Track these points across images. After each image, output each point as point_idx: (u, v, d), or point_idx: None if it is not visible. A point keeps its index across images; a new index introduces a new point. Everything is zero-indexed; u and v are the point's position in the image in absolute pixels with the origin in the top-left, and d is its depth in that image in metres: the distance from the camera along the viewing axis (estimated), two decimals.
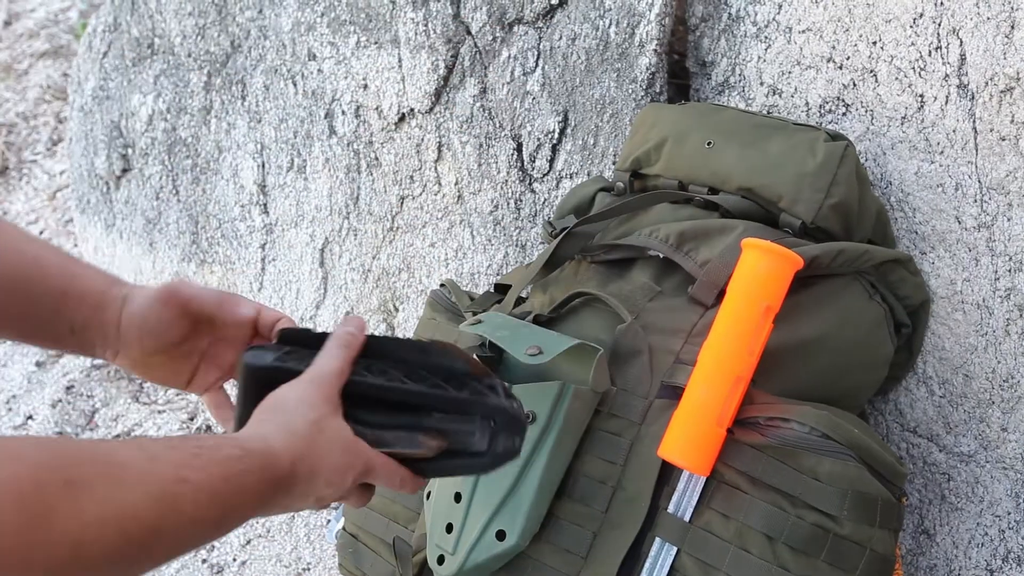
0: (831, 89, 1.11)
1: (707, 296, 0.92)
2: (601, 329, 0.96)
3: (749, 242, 0.87)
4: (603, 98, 1.27)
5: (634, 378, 0.90)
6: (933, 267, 1.03)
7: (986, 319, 0.99)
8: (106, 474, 0.48)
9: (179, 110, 1.88)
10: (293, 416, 0.62)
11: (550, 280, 1.09)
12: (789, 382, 0.90)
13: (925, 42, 1.01)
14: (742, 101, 1.21)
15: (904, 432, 1.07)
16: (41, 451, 0.47)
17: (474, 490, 0.90)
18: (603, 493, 0.87)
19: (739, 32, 1.20)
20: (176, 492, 0.51)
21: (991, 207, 0.98)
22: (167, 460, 0.52)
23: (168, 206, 1.93)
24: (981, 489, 1.00)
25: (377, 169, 1.55)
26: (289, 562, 1.60)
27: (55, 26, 2.99)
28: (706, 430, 0.83)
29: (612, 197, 1.12)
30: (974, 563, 1.00)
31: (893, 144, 1.05)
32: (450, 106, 1.43)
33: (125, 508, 0.48)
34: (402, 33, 1.46)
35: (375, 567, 1.06)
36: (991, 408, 0.99)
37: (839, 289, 0.95)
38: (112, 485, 0.48)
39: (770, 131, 1.01)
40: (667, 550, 0.84)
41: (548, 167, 1.34)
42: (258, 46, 1.71)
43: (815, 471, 0.81)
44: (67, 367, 2.16)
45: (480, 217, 1.43)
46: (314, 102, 1.62)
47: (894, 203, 1.06)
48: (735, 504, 0.82)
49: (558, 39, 1.31)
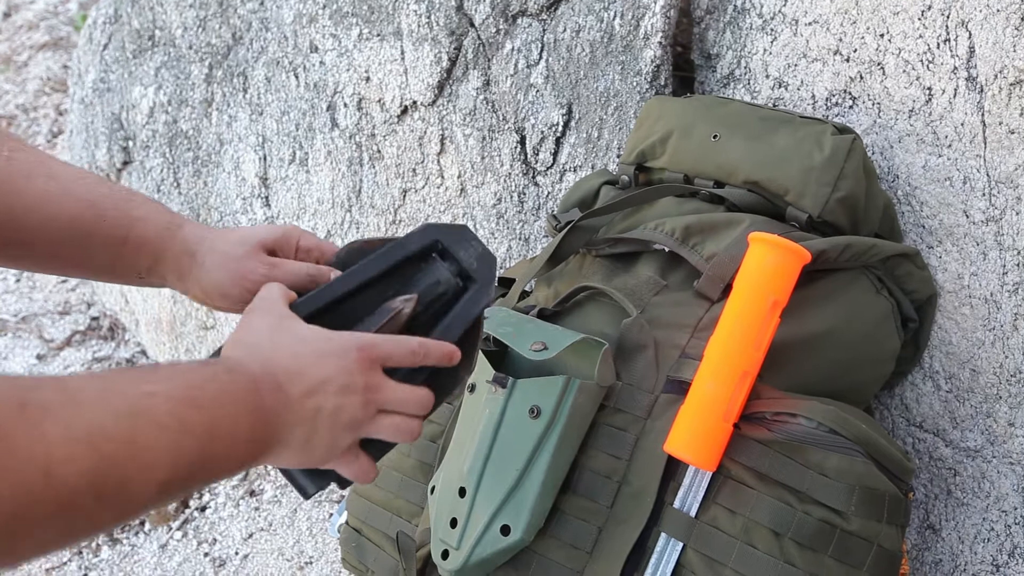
0: (838, 82, 1.10)
1: (713, 290, 0.92)
2: (606, 323, 0.95)
3: (756, 236, 0.87)
4: (607, 91, 1.27)
5: (639, 373, 0.90)
6: (940, 261, 1.02)
7: (994, 314, 0.98)
8: (63, 398, 0.45)
9: (180, 102, 1.87)
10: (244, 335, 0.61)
11: (555, 274, 1.09)
12: (796, 377, 0.89)
13: (933, 34, 1.01)
14: (747, 94, 1.20)
15: (910, 427, 1.07)
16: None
17: (479, 484, 0.89)
18: (608, 488, 0.87)
19: (744, 24, 1.19)
20: (145, 404, 0.48)
21: (999, 201, 0.97)
22: (123, 379, 0.49)
23: (169, 199, 1.92)
24: (987, 484, 1.00)
25: (379, 162, 1.54)
26: (291, 556, 1.60)
27: (55, 17, 2.98)
28: (712, 425, 0.82)
29: (617, 190, 1.11)
30: (980, 558, 1.00)
31: (900, 137, 1.05)
32: (453, 99, 1.42)
33: (92, 425, 0.45)
34: (405, 25, 1.45)
35: (378, 562, 1.06)
36: (998, 403, 0.99)
37: (846, 283, 0.94)
38: (71, 405, 0.45)
39: (776, 124, 1.00)
40: (673, 545, 0.83)
41: (552, 160, 1.34)
42: (260, 38, 1.70)
43: (822, 466, 0.80)
44: (68, 360, 2.16)
45: (483, 210, 1.42)
46: (316, 94, 1.61)
47: (901, 197, 1.05)
48: (741, 499, 0.82)
49: (562, 31, 1.30)
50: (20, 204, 0.68)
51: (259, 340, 0.60)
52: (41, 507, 0.42)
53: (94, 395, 0.46)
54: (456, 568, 0.89)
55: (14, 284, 2.43)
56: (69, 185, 0.70)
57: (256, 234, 0.74)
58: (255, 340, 0.60)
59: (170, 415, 0.49)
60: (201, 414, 0.51)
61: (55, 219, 0.69)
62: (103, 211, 0.70)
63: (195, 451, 0.50)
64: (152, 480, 0.47)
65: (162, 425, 0.48)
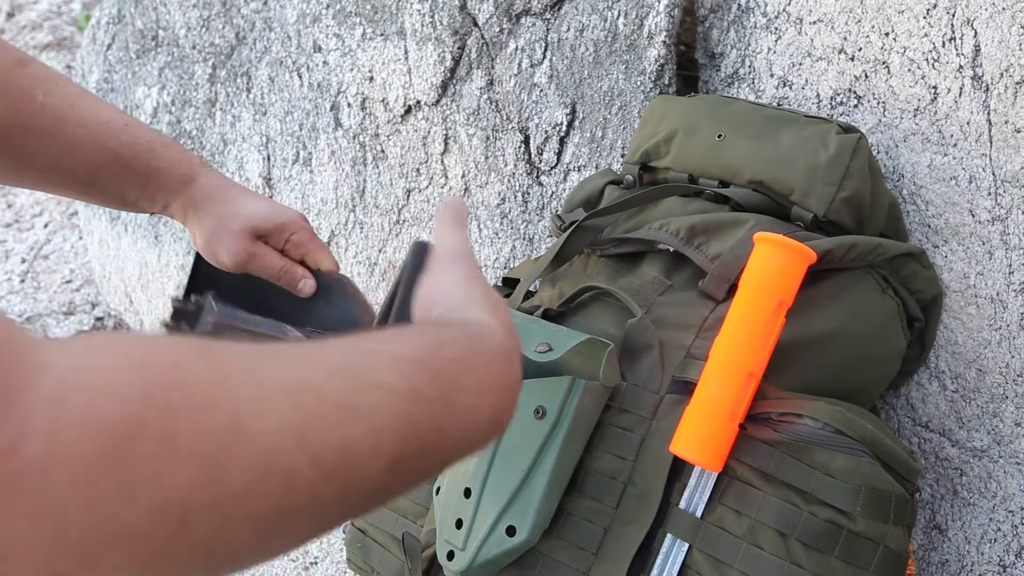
0: (843, 81, 1.10)
1: (718, 290, 0.92)
2: (611, 323, 0.95)
3: (761, 236, 0.86)
4: (611, 90, 1.26)
5: (645, 373, 0.90)
6: (946, 261, 1.02)
7: (1000, 313, 0.98)
8: (251, 350, 0.36)
9: (184, 102, 1.87)
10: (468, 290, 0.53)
11: (559, 274, 1.08)
12: (801, 377, 0.89)
13: (939, 33, 1.00)
14: (752, 93, 1.19)
15: (916, 427, 1.07)
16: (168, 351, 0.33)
17: (484, 485, 0.89)
18: (614, 489, 0.87)
19: (749, 23, 1.19)
20: (363, 362, 0.39)
21: (1005, 200, 0.97)
22: (332, 341, 0.40)
23: None
24: (994, 484, 1.00)
25: (383, 162, 1.54)
26: (296, 556, 1.60)
27: (58, 18, 2.98)
28: (718, 426, 0.82)
29: (621, 190, 1.11)
30: (987, 559, 1.00)
31: (906, 136, 1.04)
32: (457, 98, 1.42)
33: (293, 379, 0.35)
34: (408, 25, 1.45)
35: (384, 562, 1.06)
36: (1005, 403, 0.98)
37: (851, 283, 0.94)
38: (263, 356, 0.36)
39: (781, 123, 1.00)
40: (679, 546, 0.83)
41: (556, 160, 1.34)
42: (263, 38, 1.70)
43: (828, 467, 0.80)
44: None
45: (487, 210, 1.42)
46: (320, 94, 1.61)
47: (907, 196, 1.05)
48: (747, 500, 0.82)
49: (566, 30, 1.30)
50: (53, 148, 0.75)
51: (476, 290, 0.52)
52: (238, 465, 0.31)
53: (293, 352, 0.37)
54: (462, 569, 0.89)
55: (19, 284, 2.44)
56: (97, 133, 0.76)
57: (253, 217, 0.81)
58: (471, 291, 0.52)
59: (397, 376, 0.39)
60: (438, 380, 0.42)
61: (82, 164, 0.76)
62: (126, 160, 0.77)
63: (429, 424, 0.40)
64: (381, 451, 0.37)
65: (387, 388, 0.39)
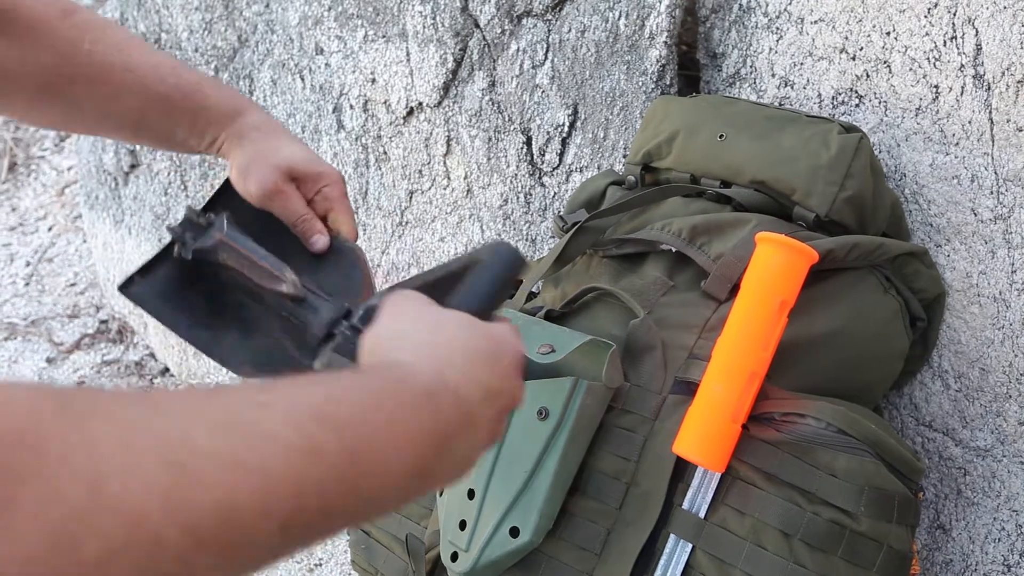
0: (844, 80, 1.10)
1: (721, 291, 0.92)
2: (614, 324, 0.95)
3: (763, 236, 0.87)
4: (613, 91, 1.26)
5: (647, 374, 0.90)
6: (948, 260, 1.02)
7: (1003, 312, 0.98)
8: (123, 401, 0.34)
9: None
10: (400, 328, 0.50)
11: (562, 275, 1.09)
12: (804, 377, 0.89)
13: (940, 32, 1.00)
14: (753, 93, 1.19)
15: (919, 426, 1.07)
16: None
17: (487, 487, 0.90)
18: (617, 489, 0.87)
19: (750, 23, 1.19)
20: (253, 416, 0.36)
21: (1008, 199, 0.97)
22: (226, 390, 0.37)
23: (177, 202, 1.92)
24: (998, 484, 1.00)
25: (386, 163, 1.54)
26: (301, 557, 1.60)
27: None
28: (721, 426, 0.82)
29: (623, 191, 1.11)
30: (991, 558, 1.00)
31: (907, 136, 1.04)
32: (459, 100, 1.42)
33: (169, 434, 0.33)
34: (410, 26, 1.45)
35: (388, 564, 1.06)
36: (1008, 402, 0.98)
37: (854, 283, 0.94)
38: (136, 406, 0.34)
39: (783, 123, 1.00)
40: (682, 547, 0.83)
41: (558, 161, 1.34)
42: (265, 40, 1.70)
43: (831, 467, 0.80)
44: (78, 363, 2.16)
45: (490, 211, 1.42)
46: (322, 96, 1.61)
47: (909, 195, 1.05)
48: (750, 500, 0.82)
49: (567, 31, 1.30)
50: (102, 94, 0.77)
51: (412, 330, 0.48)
52: (94, 534, 0.29)
53: (176, 404, 0.35)
54: (466, 570, 0.89)
55: (23, 288, 2.44)
56: (144, 78, 0.78)
57: (292, 157, 0.81)
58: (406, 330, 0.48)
59: (294, 429, 0.36)
60: (342, 434, 0.38)
61: (132, 109, 0.78)
62: (176, 101, 0.79)
63: (332, 481, 0.37)
64: (271, 511, 0.34)
65: (281, 442, 0.35)
